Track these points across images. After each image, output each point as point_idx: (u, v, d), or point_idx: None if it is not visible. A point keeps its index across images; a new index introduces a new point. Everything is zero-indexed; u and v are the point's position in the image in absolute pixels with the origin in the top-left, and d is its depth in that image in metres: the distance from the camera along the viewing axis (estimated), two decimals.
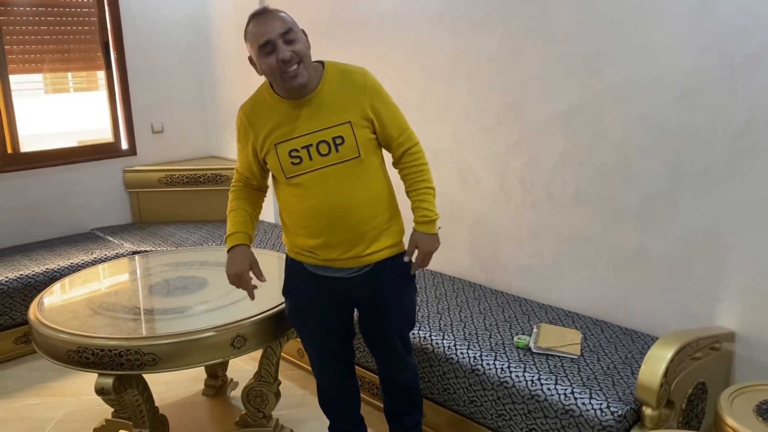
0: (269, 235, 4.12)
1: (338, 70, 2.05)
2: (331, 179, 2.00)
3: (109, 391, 2.11)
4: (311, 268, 2.14)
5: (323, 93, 2.01)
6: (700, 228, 2.41)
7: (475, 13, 2.99)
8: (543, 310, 2.85)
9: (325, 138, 1.99)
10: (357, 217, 2.04)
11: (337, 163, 2.00)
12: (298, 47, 1.93)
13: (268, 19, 1.93)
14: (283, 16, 1.96)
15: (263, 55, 1.93)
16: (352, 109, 2.00)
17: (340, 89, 2.01)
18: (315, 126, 1.99)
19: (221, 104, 4.79)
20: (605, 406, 2.08)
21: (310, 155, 1.99)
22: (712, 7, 2.26)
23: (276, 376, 2.58)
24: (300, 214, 2.07)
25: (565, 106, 2.74)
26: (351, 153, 2.00)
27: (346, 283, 2.12)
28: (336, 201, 2.01)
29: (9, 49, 3.97)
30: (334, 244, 2.06)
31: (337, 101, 2.00)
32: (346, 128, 1.99)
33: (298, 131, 2.00)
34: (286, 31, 1.92)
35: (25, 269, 3.55)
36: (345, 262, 2.09)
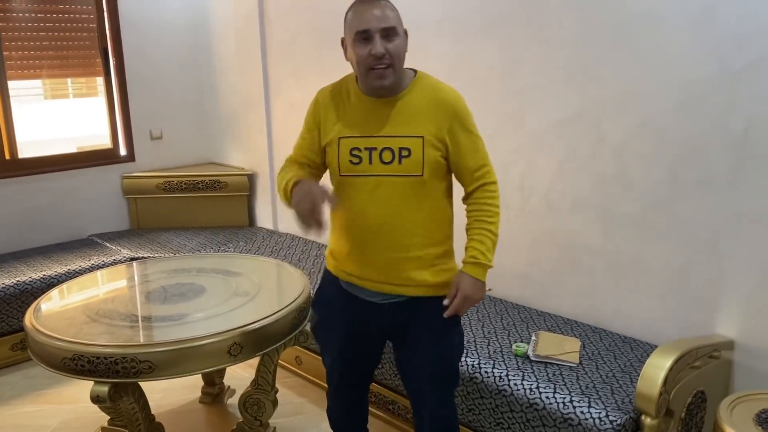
0: (267, 241, 4.11)
1: (430, 84, 1.90)
2: (384, 190, 1.85)
3: (104, 399, 2.09)
4: (345, 284, 2.00)
5: (405, 100, 1.86)
6: (700, 236, 2.41)
7: (475, 20, 3.00)
8: (542, 317, 2.83)
9: (391, 146, 1.83)
10: (400, 239, 1.87)
11: (396, 176, 1.83)
12: (394, 47, 1.79)
13: (375, 7, 1.78)
14: (390, 11, 1.80)
15: (358, 42, 1.78)
16: (429, 126, 1.83)
17: (425, 103, 1.85)
18: (385, 131, 1.85)
19: (220, 110, 4.79)
20: (604, 415, 2.07)
21: (371, 159, 1.85)
22: (711, 15, 2.26)
23: (273, 384, 2.57)
24: (344, 215, 1.93)
25: (564, 114, 2.74)
26: (414, 170, 1.83)
27: (377, 310, 1.95)
28: (383, 215, 1.86)
29: (8, 54, 3.97)
30: (369, 261, 1.91)
31: (416, 113, 1.85)
32: (416, 142, 1.82)
33: (366, 131, 1.86)
34: (389, 27, 1.77)
35: (22, 275, 3.53)
36: (379, 285, 1.92)
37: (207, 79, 4.81)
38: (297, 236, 4.24)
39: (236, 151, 4.74)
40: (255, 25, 4.20)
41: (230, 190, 4.54)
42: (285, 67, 4.13)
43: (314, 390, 3.13)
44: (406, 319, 1.95)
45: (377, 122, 1.86)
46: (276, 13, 4.09)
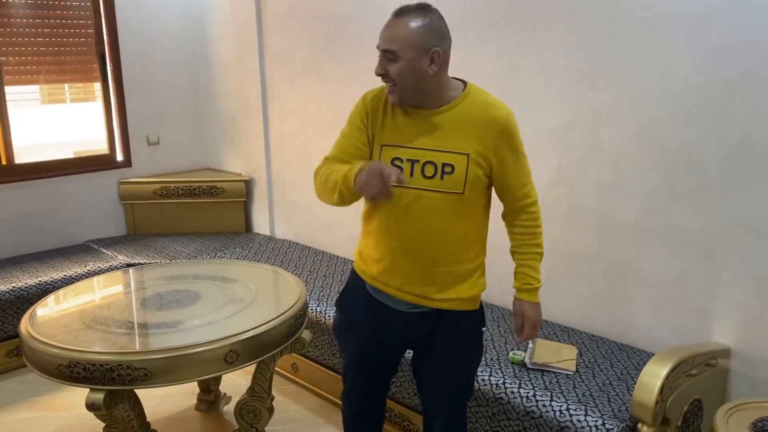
0: (264, 247, 4.11)
1: (481, 99, 1.86)
2: (423, 204, 1.82)
3: (100, 406, 2.08)
4: (371, 289, 1.98)
5: (453, 113, 1.82)
6: (696, 243, 2.41)
7: (471, 28, 3.00)
8: None
9: (434, 160, 1.80)
10: (434, 253, 1.86)
11: (436, 191, 1.81)
12: (394, 69, 1.76)
13: (391, 25, 1.78)
14: (400, 32, 1.75)
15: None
16: (476, 143, 1.80)
17: (474, 118, 1.82)
18: (430, 144, 1.81)
19: (218, 116, 4.79)
20: (601, 423, 2.07)
21: (412, 171, 1.82)
22: (706, 24, 2.27)
23: (269, 392, 2.56)
24: (379, 224, 1.91)
25: (560, 121, 2.74)
26: (455, 187, 1.80)
27: (401, 317, 1.94)
28: (418, 228, 1.84)
29: (5, 60, 3.96)
30: (399, 271, 1.90)
31: (464, 128, 1.81)
32: (461, 159, 1.79)
33: (411, 142, 1.83)
34: (387, 49, 1.77)
35: (17, 281, 3.52)
36: (405, 295, 1.91)
37: (204, 85, 4.82)
38: (294, 242, 4.23)
39: (233, 157, 4.74)
40: (253, 31, 4.21)
41: (227, 196, 4.53)
42: (282, 73, 4.13)
43: (311, 398, 3.12)
44: (430, 331, 1.94)
45: (422, 134, 1.83)
46: (274, 19, 4.10)
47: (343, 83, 3.70)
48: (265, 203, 4.49)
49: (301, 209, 4.22)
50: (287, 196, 4.32)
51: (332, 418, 2.94)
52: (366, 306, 1.99)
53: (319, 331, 3.01)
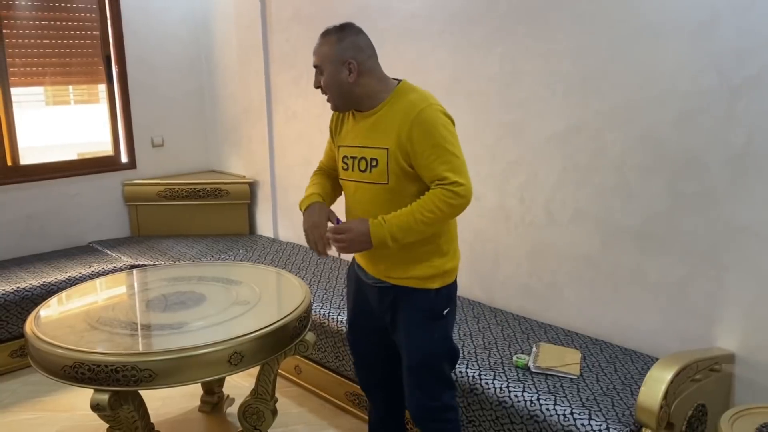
0: (268, 250, 4.12)
1: (403, 96, 2.02)
2: (361, 194, 2.09)
3: (104, 407, 2.09)
4: (356, 266, 2.28)
5: (380, 114, 2.04)
6: (700, 248, 2.41)
7: (476, 32, 3.01)
8: (542, 329, 2.83)
9: (365, 156, 2.05)
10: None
11: (368, 182, 2.05)
12: (324, 81, 2.06)
13: (317, 43, 2.09)
14: (321, 48, 2.06)
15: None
16: (394, 138, 1.97)
17: (395, 114, 2.00)
18: (362, 142, 2.07)
19: (222, 118, 4.81)
20: (605, 428, 2.07)
21: (353, 166, 2.09)
22: (711, 29, 2.27)
23: (273, 393, 2.56)
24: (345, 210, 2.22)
25: (564, 126, 2.75)
26: (380, 178, 2.02)
27: (371, 289, 2.19)
28: (359, 215, 2.09)
29: (11, 61, 3.98)
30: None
31: (386, 125, 2.01)
32: (382, 153, 2.00)
33: (352, 142, 2.11)
34: (315, 65, 2.08)
35: (22, 282, 3.53)
36: (371, 271, 2.16)
37: (209, 88, 4.83)
38: (297, 245, 4.24)
39: (237, 159, 4.75)
40: (257, 34, 4.22)
41: (231, 198, 4.54)
42: (286, 76, 4.14)
43: (314, 400, 3.12)
44: (392, 304, 2.14)
45: (359, 134, 2.09)
46: (278, 22, 4.11)
47: None
48: (268, 205, 4.50)
49: None
50: (291, 199, 4.33)
51: (335, 421, 2.94)
52: (354, 281, 2.30)
53: (322, 333, 3.01)
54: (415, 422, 2.19)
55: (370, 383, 2.38)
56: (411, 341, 2.11)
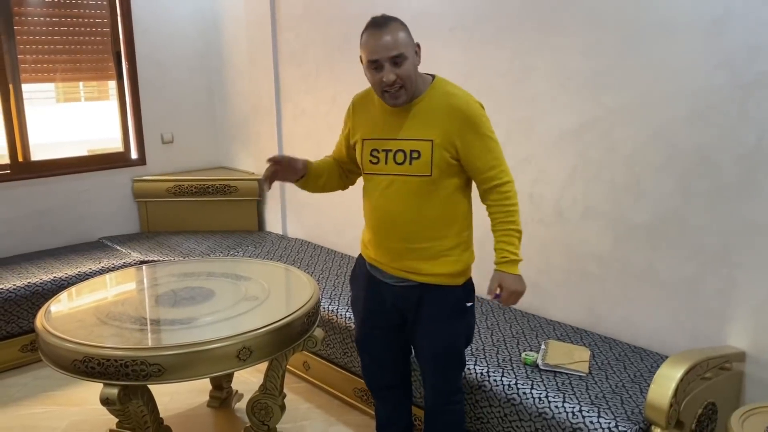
0: (276, 246, 4.12)
1: (443, 90, 2.05)
2: (396, 188, 2.05)
3: (114, 401, 2.10)
4: (369, 266, 2.24)
5: (419, 106, 2.03)
6: (711, 246, 2.40)
7: (487, 28, 3.00)
8: (551, 326, 2.82)
9: (403, 148, 2.03)
10: (407, 231, 2.07)
11: (407, 175, 2.03)
12: (404, 70, 1.96)
13: (384, 34, 1.95)
14: (397, 36, 1.95)
15: (370, 69, 1.99)
16: (440, 130, 1.99)
17: (437, 108, 2.02)
18: (399, 134, 2.04)
19: (231, 116, 4.81)
20: (614, 425, 2.06)
21: (386, 160, 2.06)
22: (723, 25, 2.25)
23: (281, 389, 2.57)
24: (366, 207, 2.19)
25: (575, 123, 2.74)
26: (423, 170, 2.01)
27: (391, 290, 2.17)
28: (393, 209, 2.07)
29: (22, 58, 4.00)
30: (384, 248, 2.14)
31: (428, 118, 2.01)
32: (425, 145, 2.00)
33: (384, 134, 2.08)
34: (396, 54, 1.94)
35: (32, 277, 3.56)
36: (392, 270, 2.14)
37: (218, 85, 4.84)
38: (306, 241, 4.25)
39: (246, 156, 4.76)
40: (267, 31, 4.22)
41: (240, 195, 4.55)
42: (296, 73, 4.15)
43: (322, 396, 3.12)
44: (417, 301, 2.14)
45: (394, 127, 2.06)
46: (288, 19, 4.11)
47: (355, 83, 3.67)
48: (277, 202, 4.50)
49: (312, 209, 4.23)
50: (299, 196, 4.33)
51: (343, 417, 2.94)
52: (366, 282, 2.26)
53: (330, 329, 3.01)
54: (431, 407, 2.24)
55: (381, 384, 2.38)
56: (437, 334, 2.15)
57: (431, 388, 2.23)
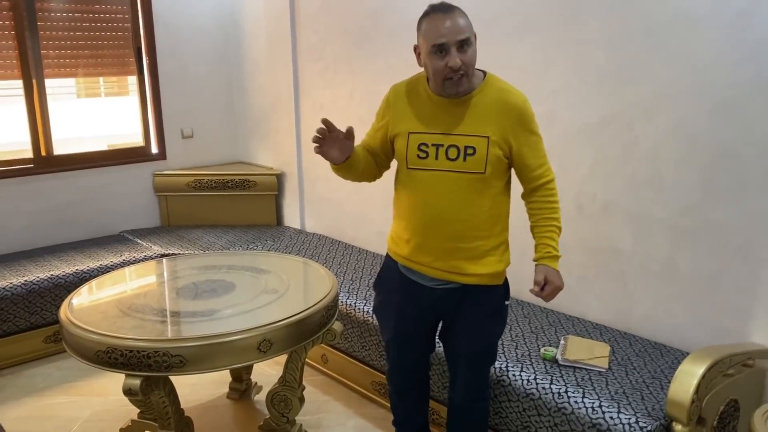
0: (295, 240, 4.14)
1: (497, 86, 2.02)
2: (447, 184, 1.99)
3: (136, 392, 2.12)
4: (403, 269, 2.16)
5: (474, 101, 1.98)
6: (733, 242, 2.37)
7: (506, 22, 2.99)
8: (570, 322, 2.81)
9: (457, 144, 1.97)
10: (458, 230, 2.01)
11: (460, 171, 1.98)
12: (469, 57, 1.91)
13: (448, 18, 1.88)
14: (464, 20, 1.90)
15: (434, 54, 1.91)
16: (495, 127, 1.96)
17: (492, 104, 1.98)
18: (452, 129, 1.98)
19: (250, 110, 4.84)
20: (634, 421, 2.05)
21: (437, 155, 1.99)
22: (748, 18, 2.22)
23: (300, 381, 2.59)
24: (407, 204, 2.09)
25: (596, 117, 2.72)
26: (477, 167, 1.96)
27: (431, 293, 2.11)
28: (443, 207, 2.00)
29: (45, 53, 4.05)
30: (427, 248, 2.05)
31: (483, 114, 1.97)
32: (481, 142, 1.95)
33: (435, 128, 2.00)
34: (464, 39, 1.89)
35: (55, 270, 3.61)
36: (435, 272, 2.07)
37: (237, 80, 4.87)
38: (324, 236, 4.26)
39: (265, 151, 4.78)
40: (286, 26, 4.23)
41: (259, 189, 4.58)
42: (314, 67, 4.16)
43: (340, 389, 3.14)
44: (457, 304, 2.10)
45: (446, 121, 2.00)
46: (306, 14, 4.12)
47: (374, 78, 3.71)
48: (295, 197, 4.52)
49: (331, 204, 4.25)
50: (317, 191, 4.35)
51: (361, 410, 2.95)
52: (398, 285, 2.18)
53: (348, 323, 3.02)
54: (460, 404, 2.22)
55: (408, 385, 2.34)
56: (477, 334, 2.12)
57: (463, 385, 2.19)
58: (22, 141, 4.09)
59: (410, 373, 2.31)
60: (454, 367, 2.23)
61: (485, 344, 2.16)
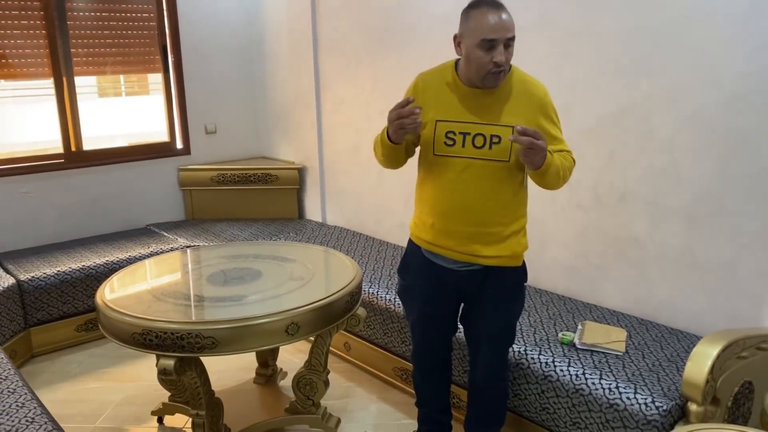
0: (316, 233, 4.23)
1: (521, 78, 2.12)
2: (473, 171, 2.08)
3: (170, 371, 2.22)
4: (426, 253, 2.25)
5: (500, 92, 2.08)
6: (749, 229, 2.42)
7: (524, 16, 3.04)
8: (588, 308, 2.87)
9: (483, 132, 2.06)
10: (482, 215, 2.11)
11: (485, 159, 2.07)
12: (510, 54, 2.02)
13: (502, 12, 1.98)
14: (511, 18, 2.00)
15: (482, 48, 1.97)
16: (519, 117, 2.05)
17: (517, 95, 2.08)
18: (480, 119, 2.07)
19: (272, 106, 4.94)
20: (650, 401, 2.11)
21: (464, 143, 2.08)
22: (762, 9, 2.27)
23: (325, 365, 2.67)
24: (432, 191, 2.17)
25: (613, 107, 2.77)
26: (502, 155, 2.06)
27: (454, 275, 2.21)
28: (468, 192, 2.10)
29: (74, 52, 4.18)
30: (450, 233, 2.15)
31: (509, 104, 2.07)
32: (506, 131, 2.04)
33: (463, 117, 2.09)
34: (511, 37, 2.00)
35: (86, 260, 3.73)
36: (458, 255, 2.16)
37: (259, 76, 4.97)
38: (345, 229, 4.35)
39: (287, 146, 4.88)
40: (307, 23, 4.32)
41: (281, 184, 4.68)
42: (335, 63, 4.24)
43: (362, 375, 3.23)
44: (479, 285, 2.20)
45: (473, 110, 2.09)
46: (327, 11, 4.21)
47: (394, 73, 3.78)
48: (317, 191, 4.62)
49: (352, 197, 4.33)
50: (339, 184, 4.44)
51: (383, 395, 3.04)
52: (422, 268, 2.27)
53: (371, 311, 3.11)
54: (481, 384, 2.31)
55: (432, 365, 2.43)
56: (497, 314, 2.23)
57: (484, 366, 2.29)
58: (52, 140, 4.22)
59: (434, 354, 2.40)
60: (474, 349, 2.31)
61: (505, 324, 2.25)
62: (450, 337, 2.41)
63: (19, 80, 4.14)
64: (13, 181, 4.00)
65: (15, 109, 4.82)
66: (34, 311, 3.48)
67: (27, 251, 3.94)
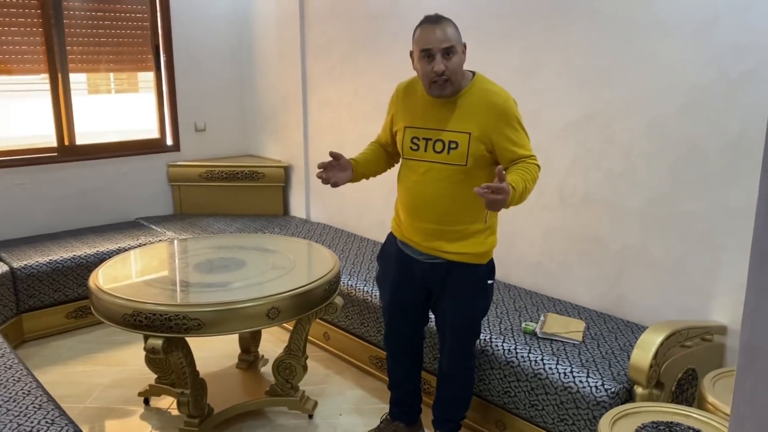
0: (300, 229, 4.40)
1: (483, 87, 2.26)
2: (433, 174, 2.27)
3: (158, 350, 2.38)
4: (399, 243, 2.46)
5: (460, 101, 2.24)
6: (698, 229, 2.62)
7: (498, 27, 3.25)
8: (552, 302, 3.06)
9: (442, 138, 2.25)
10: (442, 213, 2.29)
11: (444, 163, 2.25)
12: (452, 63, 2.16)
13: (437, 28, 2.16)
14: (449, 31, 2.16)
15: (422, 59, 2.19)
16: (477, 124, 2.20)
17: (476, 104, 2.23)
18: (439, 125, 2.26)
19: (260, 106, 5.11)
20: (600, 384, 2.30)
21: (426, 147, 2.28)
22: (712, 26, 2.48)
23: (304, 350, 2.84)
24: (402, 190, 2.42)
25: (578, 115, 2.97)
26: (459, 160, 2.22)
27: (421, 265, 2.39)
28: (429, 193, 2.29)
29: (70, 49, 4.32)
30: (416, 228, 2.35)
31: (468, 112, 2.23)
32: (463, 137, 2.21)
33: (425, 124, 2.29)
34: (448, 47, 2.15)
35: (77, 251, 3.87)
36: (423, 248, 2.36)
37: (248, 77, 5.14)
38: (328, 225, 4.52)
39: (273, 145, 5.05)
40: (295, 27, 4.50)
41: (267, 181, 4.84)
42: (322, 67, 4.42)
43: (340, 363, 3.40)
44: (443, 276, 2.37)
45: (435, 118, 2.28)
46: (315, 16, 4.39)
47: (377, 77, 3.97)
48: (302, 188, 4.79)
49: (335, 195, 4.49)
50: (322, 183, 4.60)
51: (359, 382, 3.21)
52: (396, 257, 2.48)
53: (349, 302, 3.28)
54: (446, 371, 2.47)
55: (402, 350, 2.59)
56: (459, 307, 2.38)
57: (449, 354, 2.45)
58: (45, 134, 4.35)
59: (403, 339, 2.57)
60: (442, 337, 2.49)
61: (467, 318, 2.41)
62: (420, 327, 2.58)
63: (15, 75, 4.28)
64: (7, 173, 4.14)
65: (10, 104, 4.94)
66: (26, 298, 3.62)
67: (20, 240, 4.08)
